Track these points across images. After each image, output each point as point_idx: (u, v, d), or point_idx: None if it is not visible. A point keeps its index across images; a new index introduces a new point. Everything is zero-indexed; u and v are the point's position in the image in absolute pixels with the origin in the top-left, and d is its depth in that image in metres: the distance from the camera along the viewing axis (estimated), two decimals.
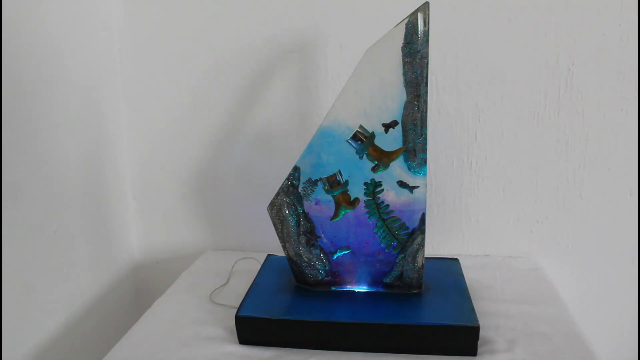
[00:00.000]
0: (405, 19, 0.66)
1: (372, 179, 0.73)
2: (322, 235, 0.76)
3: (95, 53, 0.94)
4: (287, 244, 0.77)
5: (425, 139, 0.70)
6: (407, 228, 0.74)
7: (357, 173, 0.73)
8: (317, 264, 0.77)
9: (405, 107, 0.69)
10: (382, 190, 0.73)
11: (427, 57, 0.67)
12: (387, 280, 0.77)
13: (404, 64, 0.67)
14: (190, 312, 0.81)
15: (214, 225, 1.07)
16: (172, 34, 0.97)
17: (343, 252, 0.77)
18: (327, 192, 0.74)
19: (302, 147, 0.73)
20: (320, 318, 0.71)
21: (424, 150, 0.70)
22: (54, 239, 0.83)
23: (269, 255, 0.92)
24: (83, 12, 0.90)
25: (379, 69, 0.68)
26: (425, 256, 0.76)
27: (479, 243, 1.00)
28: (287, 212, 0.75)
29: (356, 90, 0.69)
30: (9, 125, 0.73)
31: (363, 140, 0.71)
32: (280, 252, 0.84)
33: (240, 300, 0.76)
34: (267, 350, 0.71)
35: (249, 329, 0.72)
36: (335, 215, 0.75)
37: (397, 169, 0.72)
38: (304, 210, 0.76)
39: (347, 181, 0.73)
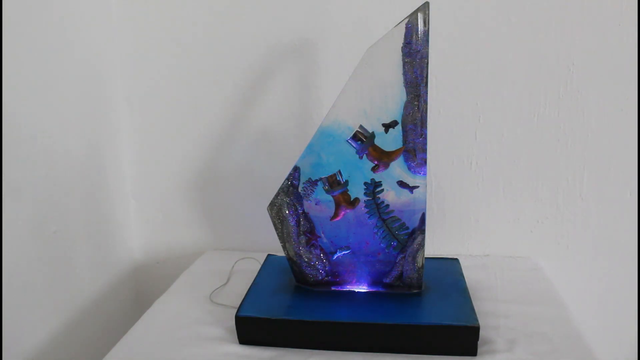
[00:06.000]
0: (405, 19, 0.66)
1: (372, 179, 0.73)
2: (322, 235, 0.76)
3: (95, 53, 0.94)
4: (287, 244, 0.77)
5: (425, 139, 0.70)
6: (407, 228, 0.74)
7: (357, 173, 0.73)
8: (317, 264, 0.77)
9: (405, 107, 0.69)
10: (382, 190, 0.73)
11: (427, 57, 0.67)
12: (387, 280, 0.77)
13: (404, 64, 0.67)
14: (190, 312, 0.81)
15: (214, 225, 1.07)
16: (173, 34, 0.97)
17: (343, 252, 0.77)
18: (327, 192, 0.74)
19: (302, 147, 0.73)
20: (320, 318, 0.71)
21: (424, 150, 0.70)
22: (54, 239, 0.83)
23: (269, 255, 0.92)
24: (83, 13, 0.90)
25: (379, 69, 0.68)
26: (425, 256, 0.76)
27: (479, 243, 1.00)
28: (287, 212, 0.75)
29: (356, 90, 0.69)
30: (9, 125, 0.73)
31: (363, 140, 0.71)
32: (280, 252, 0.84)
33: (240, 300, 0.76)
34: (267, 350, 0.71)
35: (249, 329, 0.72)
36: (335, 215, 0.75)
37: (397, 169, 0.72)
38: (304, 210, 0.76)
39: (347, 181, 0.73)
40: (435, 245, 1.00)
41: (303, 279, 0.79)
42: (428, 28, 0.66)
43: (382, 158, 0.71)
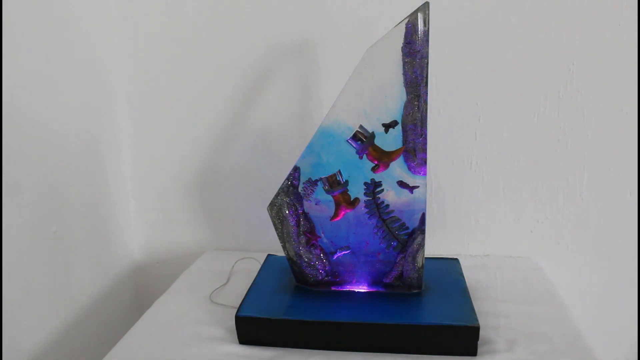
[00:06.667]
0: (405, 19, 0.66)
1: (372, 179, 0.73)
2: (322, 235, 0.76)
3: (95, 52, 0.94)
4: (287, 244, 0.77)
5: (425, 139, 0.70)
6: (407, 228, 0.74)
7: (357, 173, 0.73)
8: (317, 264, 0.77)
9: (405, 107, 0.69)
10: (382, 190, 0.73)
11: (427, 57, 0.67)
12: (387, 280, 0.77)
13: (404, 64, 0.67)
14: (190, 312, 0.81)
15: (214, 225, 1.07)
16: (172, 34, 0.97)
17: (343, 252, 0.77)
18: (327, 192, 0.74)
19: (302, 147, 0.73)
20: (320, 318, 0.71)
21: (424, 150, 0.70)
22: (54, 239, 0.83)
23: (269, 255, 0.92)
24: (83, 13, 0.90)
25: (379, 69, 0.68)
26: (425, 256, 0.76)
27: (479, 243, 1.00)
28: (287, 212, 0.75)
29: (356, 90, 0.69)
30: (9, 125, 0.73)
31: (363, 140, 0.71)
32: (280, 252, 0.84)
33: (240, 300, 0.76)
34: (267, 350, 0.71)
35: (249, 329, 0.72)
36: (335, 215, 0.75)
37: (397, 169, 0.72)
38: (304, 210, 0.76)
39: (347, 181, 0.73)
40: (435, 245, 1.00)
41: (303, 279, 0.79)
42: (428, 28, 0.66)
43: (382, 158, 0.71)
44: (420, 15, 0.66)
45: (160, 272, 1.09)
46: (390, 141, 0.71)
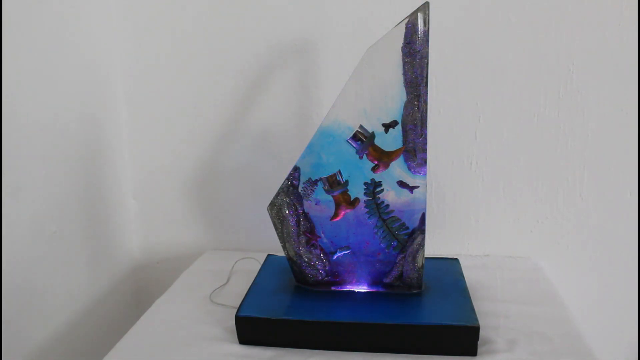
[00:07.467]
0: (405, 19, 0.66)
1: (372, 179, 0.73)
2: (322, 235, 0.76)
3: (95, 52, 0.94)
4: (287, 244, 0.77)
5: (425, 139, 0.70)
6: (407, 228, 0.74)
7: (357, 173, 0.73)
8: (317, 264, 0.77)
9: (405, 107, 0.69)
10: (382, 190, 0.73)
11: (427, 57, 0.67)
12: (387, 280, 0.77)
13: (404, 64, 0.67)
14: (190, 312, 0.81)
15: (214, 225, 1.07)
16: (172, 34, 0.97)
17: (343, 252, 0.77)
18: (327, 192, 0.74)
19: (302, 147, 0.73)
20: (320, 318, 0.71)
21: (424, 150, 0.70)
22: (53, 239, 0.83)
23: (269, 255, 0.92)
24: (83, 12, 0.90)
25: (379, 69, 0.68)
26: (425, 256, 0.76)
27: (479, 243, 1.00)
28: (287, 212, 0.75)
29: (356, 90, 0.69)
30: (9, 125, 0.73)
31: (363, 140, 0.71)
32: (280, 252, 0.84)
33: (240, 300, 0.76)
34: (267, 350, 0.71)
35: (249, 329, 0.72)
36: (335, 215, 0.75)
37: (397, 169, 0.72)
38: (304, 210, 0.76)
39: (347, 181, 0.73)
40: (435, 245, 1.00)
41: (303, 279, 0.79)
42: (428, 28, 0.66)
43: (382, 158, 0.71)
44: (420, 15, 0.66)
45: (160, 272, 1.09)
46: (390, 141, 0.71)
